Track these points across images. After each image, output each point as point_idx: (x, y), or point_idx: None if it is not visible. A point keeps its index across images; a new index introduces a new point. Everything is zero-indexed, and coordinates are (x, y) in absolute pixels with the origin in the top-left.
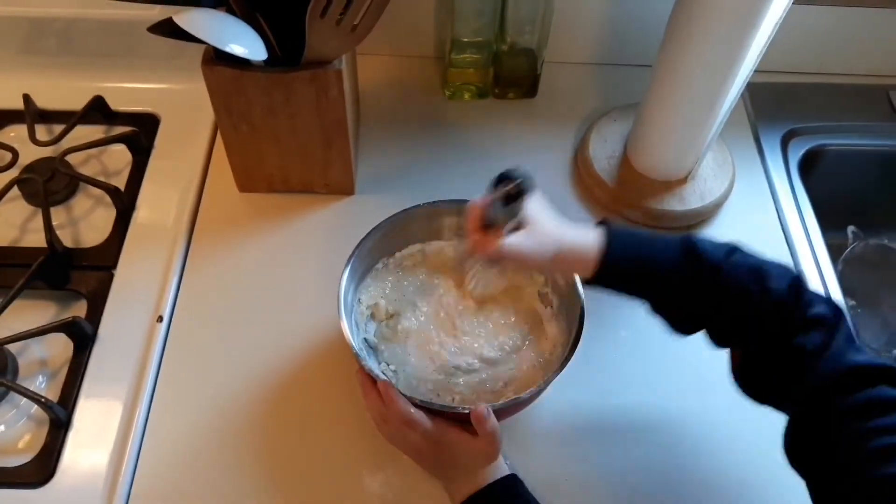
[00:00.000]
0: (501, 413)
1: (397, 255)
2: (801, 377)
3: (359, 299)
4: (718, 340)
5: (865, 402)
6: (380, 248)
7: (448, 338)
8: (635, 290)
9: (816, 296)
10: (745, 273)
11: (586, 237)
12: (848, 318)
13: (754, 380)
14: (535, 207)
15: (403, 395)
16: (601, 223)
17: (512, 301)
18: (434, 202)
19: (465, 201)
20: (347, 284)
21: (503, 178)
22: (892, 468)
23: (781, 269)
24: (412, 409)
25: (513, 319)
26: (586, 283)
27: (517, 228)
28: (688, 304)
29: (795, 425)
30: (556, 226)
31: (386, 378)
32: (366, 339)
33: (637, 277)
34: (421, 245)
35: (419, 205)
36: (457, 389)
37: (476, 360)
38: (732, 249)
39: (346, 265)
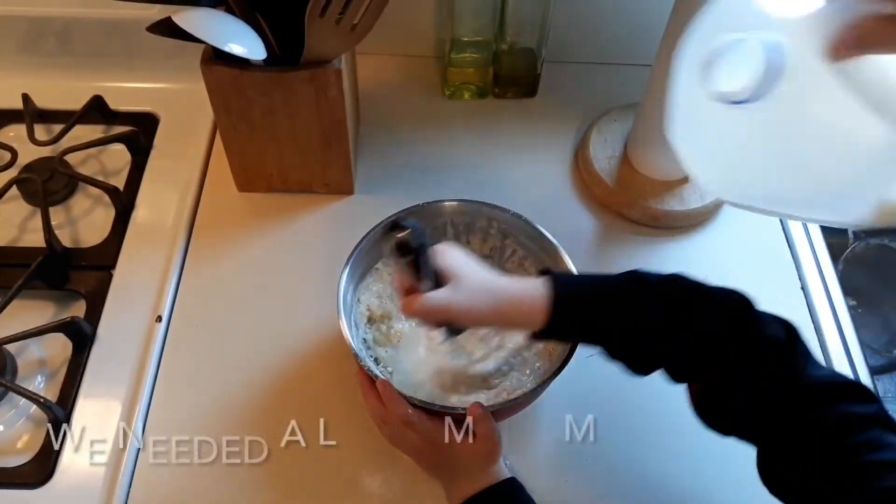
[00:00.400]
0: (500, 413)
1: None
2: (766, 400)
3: (358, 299)
4: (677, 376)
5: (837, 420)
6: (379, 248)
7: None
8: (589, 334)
9: (767, 315)
10: (693, 298)
11: (527, 286)
12: (801, 334)
13: (717, 410)
14: (458, 260)
15: (402, 395)
16: (542, 272)
17: None
18: (434, 202)
19: (465, 201)
20: (347, 284)
21: (390, 229)
22: (885, 482)
23: (728, 292)
24: (410, 410)
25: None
26: (533, 337)
27: (439, 285)
28: (641, 339)
29: (769, 449)
30: (487, 277)
31: (385, 378)
32: (365, 339)
33: (591, 320)
34: None
35: (419, 204)
36: (455, 390)
37: (474, 361)
38: (676, 276)
39: (346, 265)
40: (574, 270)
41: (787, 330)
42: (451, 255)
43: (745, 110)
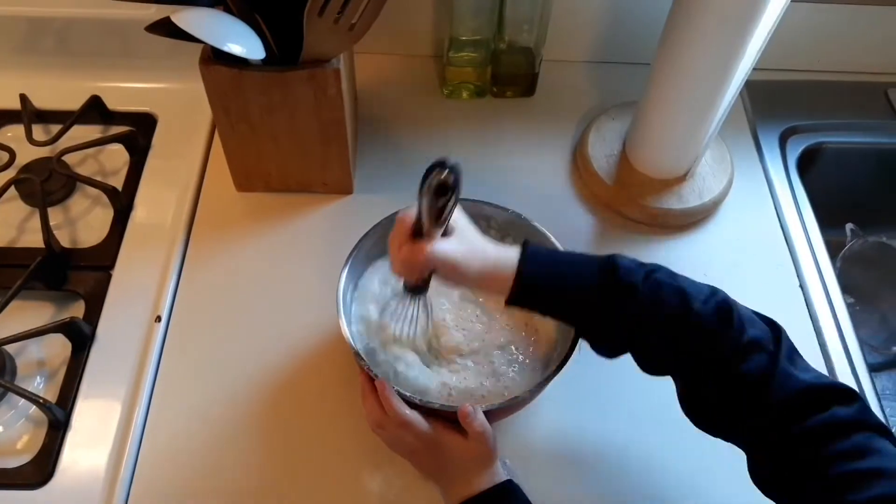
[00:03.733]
0: (498, 413)
1: None
2: (751, 406)
3: (357, 298)
4: (647, 367)
5: (821, 427)
6: (379, 247)
7: (445, 338)
8: (553, 308)
9: (748, 316)
10: (666, 293)
11: (507, 253)
12: (784, 333)
13: (700, 409)
14: (462, 219)
15: (401, 393)
16: (524, 244)
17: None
18: None
19: (463, 200)
20: (346, 284)
21: (434, 168)
22: (861, 494)
23: (705, 290)
24: (407, 411)
25: (512, 319)
26: (506, 303)
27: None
28: (606, 324)
29: (757, 457)
30: (482, 238)
31: (384, 378)
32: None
33: (553, 294)
34: None
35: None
36: (454, 392)
37: (474, 360)
38: (654, 269)
39: (345, 265)
40: None
41: (771, 330)
42: (459, 215)
43: None
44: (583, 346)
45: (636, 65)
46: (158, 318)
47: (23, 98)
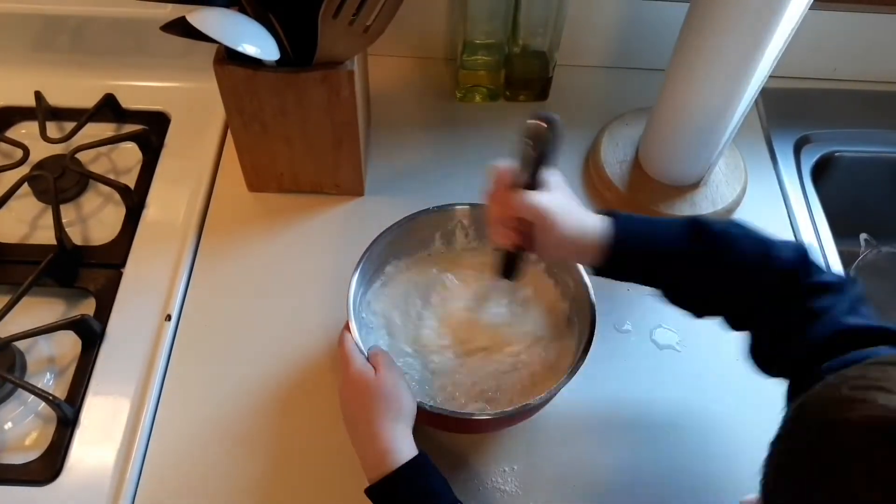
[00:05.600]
0: (513, 419)
1: (407, 259)
2: (798, 340)
3: (369, 302)
4: (733, 322)
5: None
6: (390, 251)
7: (459, 341)
8: (644, 273)
9: (822, 267)
10: (751, 243)
11: (594, 221)
12: (858, 287)
13: (766, 353)
14: (562, 183)
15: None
16: (605, 213)
17: (524, 306)
18: (444, 205)
19: (476, 205)
20: (357, 287)
21: (535, 119)
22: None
23: (786, 241)
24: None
25: (527, 325)
26: (594, 272)
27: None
28: (697, 280)
29: (790, 392)
30: (579, 204)
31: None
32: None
33: (646, 258)
34: (431, 250)
35: (429, 208)
36: (462, 394)
37: (489, 364)
38: (737, 223)
39: (356, 268)
40: (585, 276)
41: (841, 279)
42: (555, 177)
43: None
44: (591, 355)
45: (651, 70)
46: (168, 317)
47: (37, 95)
